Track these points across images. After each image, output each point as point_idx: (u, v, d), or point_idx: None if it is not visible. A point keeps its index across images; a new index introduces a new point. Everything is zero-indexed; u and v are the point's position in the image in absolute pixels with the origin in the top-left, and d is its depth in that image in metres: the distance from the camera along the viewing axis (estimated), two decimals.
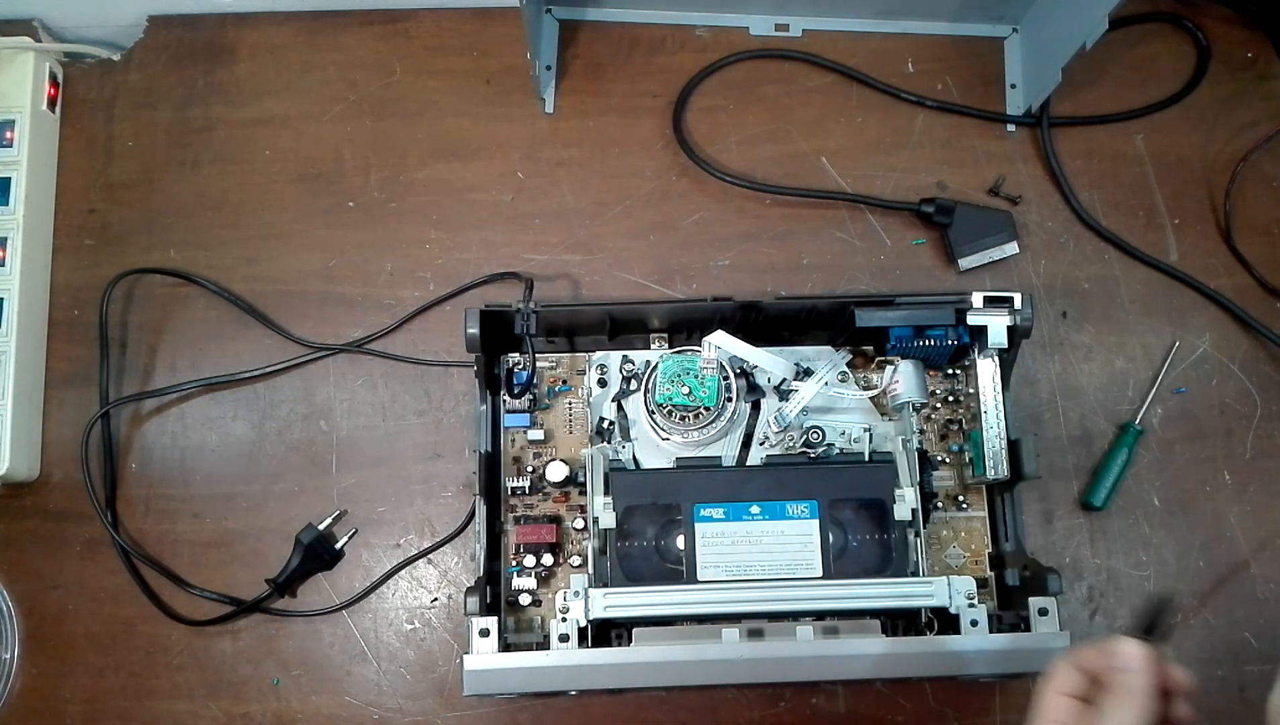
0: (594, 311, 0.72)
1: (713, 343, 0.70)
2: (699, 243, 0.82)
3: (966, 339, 0.72)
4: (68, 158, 0.84)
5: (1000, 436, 0.71)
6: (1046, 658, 0.64)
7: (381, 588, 0.77)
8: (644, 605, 0.65)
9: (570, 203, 0.83)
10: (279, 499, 0.78)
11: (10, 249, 0.78)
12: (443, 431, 0.79)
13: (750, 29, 0.85)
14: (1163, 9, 0.85)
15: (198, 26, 0.86)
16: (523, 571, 0.73)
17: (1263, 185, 0.83)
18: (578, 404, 0.76)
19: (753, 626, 0.66)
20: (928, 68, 0.85)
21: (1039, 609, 0.66)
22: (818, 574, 0.67)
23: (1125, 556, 0.77)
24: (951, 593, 0.65)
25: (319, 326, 0.81)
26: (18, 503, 0.78)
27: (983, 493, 0.75)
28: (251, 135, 0.84)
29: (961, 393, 0.76)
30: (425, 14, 0.86)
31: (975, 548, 0.75)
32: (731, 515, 0.68)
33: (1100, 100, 0.84)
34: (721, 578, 0.67)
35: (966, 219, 0.80)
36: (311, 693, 0.75)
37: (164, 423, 0.80)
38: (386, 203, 0.83)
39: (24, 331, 0.78)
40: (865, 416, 0.74)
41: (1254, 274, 0.81)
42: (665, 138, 0.83)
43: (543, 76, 0.83)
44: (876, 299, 0.72)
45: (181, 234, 0.82)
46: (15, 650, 0.76)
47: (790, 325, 0.75)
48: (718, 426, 0.71)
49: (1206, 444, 0.78)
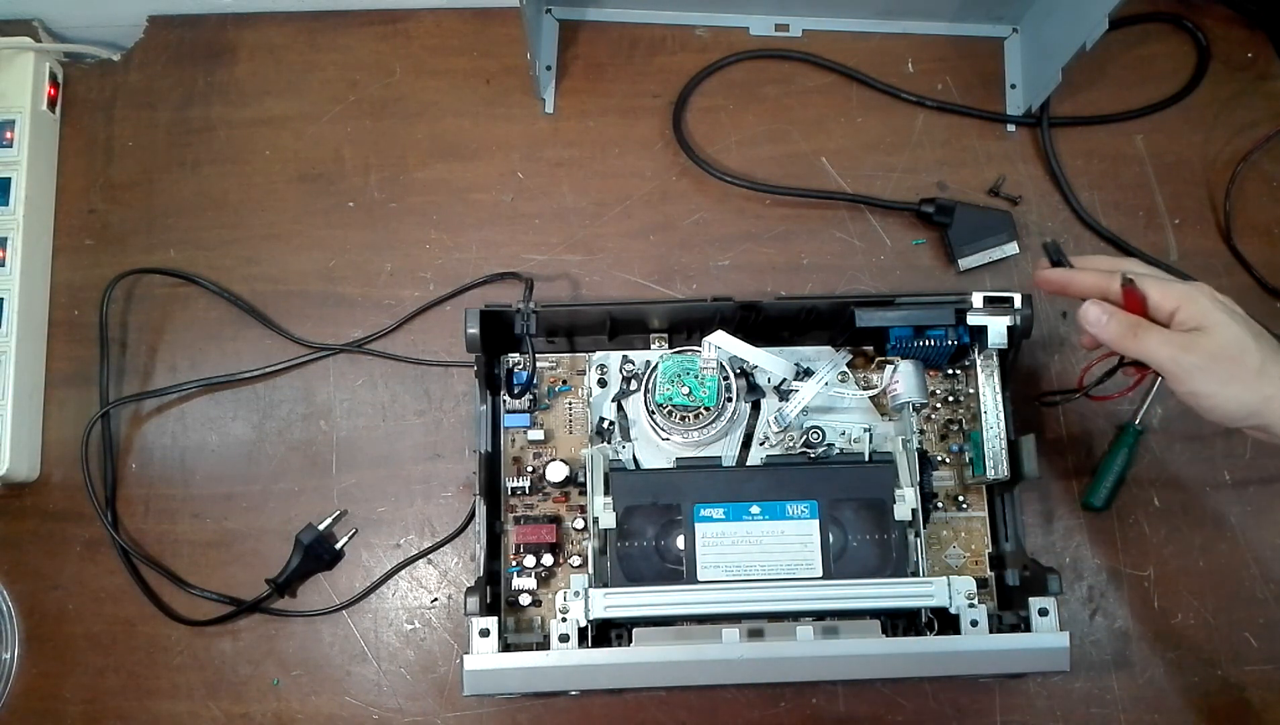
0: (594, 312, 0.72)
1: (713, 343, 0.70)
2: (699, 243, 0.82)
3: (966, 339, 0.72)
4: (68, 158, 0.84)
5: (1000, 436, 0.71)
6: (1046, 658, 0.64)
7: (381, 588, 0.77)
8: (644, 605, 0.65)
9: (570, 203, 0.83)
10: (279, 499, 0.78)
11: (10, 249, 0.78)
12: (443, 431, 0.79)
13: (750, 29, 0.85)
14: (1163, 9, 0.85)
15: (198, 26, 0.86)
16: (523, 571, 0.73)
17: (1263, 185, 0.83)
18: (578, 404, 0.76)
19: (753, 626, 0.66)
20: (928, 68, 0.85)
21: (1039, 609, 0.66)
22: (818, 574, 0.67)
23: (1125, 556, 0.77)
24: (951, 593, 0.65)
25: (319, 326, 0.81)
26: (18, 503, 0.78)
27: (983, 493, 0.75)
28: (251, 135, 0.84)
29: (961, 393, 0.76)
30: (425, 14, 0.86)
31: (975, 548, 0.75)
32: (731, 515, 0.68)
33: (1100, 100, 0.84)
34: (721, 578, 0.67)
35: (966, 219, 0.80)
36: (311, 693, 0.75)
37: (164, 423, 0.80)
38: (386, 203, 0.83)
39: (24, 331, 0.78)
40: (865, 416, 0.74)
41: (1254, 274, 0.81)
42: (665, 138, 0.83)
43: (543, 76, 0.83)
44: (876, 299, 0.72)
45: (181, 234, 0.82)
46: (15, 650, 0.76)
47: (790, 325, 0.75)
48: (718, 426, 0.71)
49: (1206, 444, 0.78)
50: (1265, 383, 0.59)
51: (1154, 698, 0.74)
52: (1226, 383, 0.59)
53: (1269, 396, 0.59)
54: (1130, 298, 0.62)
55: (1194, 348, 0.60)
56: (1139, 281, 0.62)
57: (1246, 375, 0.59)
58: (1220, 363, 0.59)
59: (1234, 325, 0.60)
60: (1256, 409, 0.60)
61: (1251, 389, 0.59)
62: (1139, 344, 0.61)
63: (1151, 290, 0.62)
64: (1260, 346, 0.60)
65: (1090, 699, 0.74)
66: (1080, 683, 0.74)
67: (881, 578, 0.67)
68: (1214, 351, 0.59)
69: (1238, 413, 0.60)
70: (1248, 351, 0.59)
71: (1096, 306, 0.63)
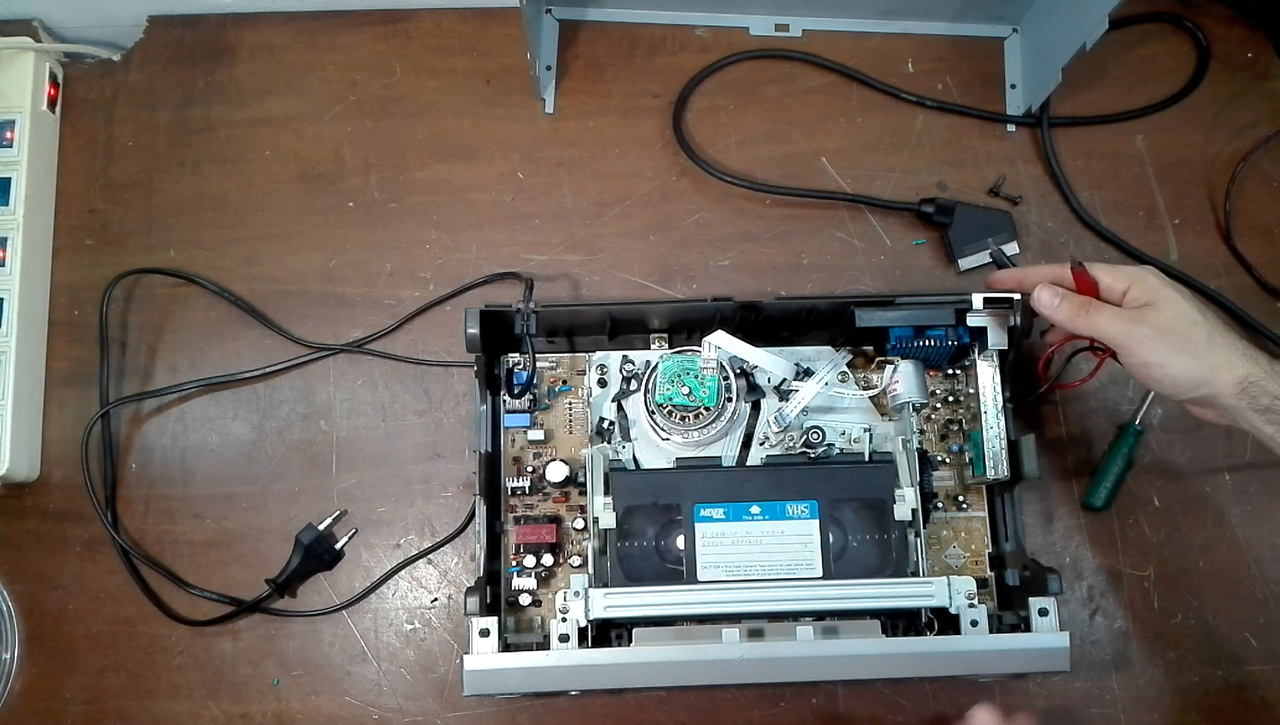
0: (594, 312, 0.72)
1: (713, 343, 0.70)
2: (699, 243, 0.82)
3: (967, 339, 0.72)
4: (68, 158, 0.84)
5: (1000, 437, 0.71)
6: (1046, 658, 0.64)
7: (382, 588, 0.77)
8: (644, 605, 0.65)
9: (570, 203, 0.83)
10: (279, 499, 0.78)
11: (10, 249, 0.78)
12: (443, 431, 0.79)
13: (750, 29, 0.85)
14: (1163, 9, 0.85)
15: (198, 26, 0.86)
16: (523, 572, 0.73)
17: (1263, 185, 0.83)
18: (578, 404, 0.76)
19: (753, 626, 0.66)
20: (928, 68, 0.85)
21: (1039, 609, 0.66)
22: (818, 574, 0.67)
23: (1125, 556, 0.77)
24: (951, 593, 0.65)
25: (319, 326, 0.80)
26: (18, 503, 0.78)
27: (983, 493, 0.75)
28: (251, 135, 0.84)
29: (961, 393, 0.76)
30: (425, 14, 0.86)
31: (975, 548, 0.75)
32: (731, 515, 0.68)
33: (1100, 100, 0.84)
34: (721, 578, 0.67)
35: (966, 219, 0.80)
36: (311, 693, 0.75)
37: (164, 423, 0.80)
38: (386, 203, 0.83)
39: (24, 331, 0.78)
40: (865, 416, 0.74)
41: (1254, 274, 0.81)
42: (665, 138, 0.83)
43: (543, 76, 0.83)
44: (876, 299, 0.72)
45: (181, 234, 0.82)
46: (15, 650, 0.76)
47: (790, 325, 0.75)
48: (718, 427, 0.71)
49: (1206, 444, 0.78)
50: (1213, 353, 0.62)
51: (1154, 698, 0.74)
52: (1176, 353, 0.62)
53: (1216, 366, 0.62)
54: (1081, 281, 0.66)
55: (1144, 320, 0.63)
56: (1089, 268, 0.65)
57: (1195, 347, 0.62)
58: (1169, 334, 0.62)
59: (1182, 300, 0.63)
60: (1205, 378, 0.62)
61: (1199, 359, 0.62)
62: (1090, 321, 0.64)
63: (1102, 274, 0.65)
64: (1207, 320, 0.63)
65: (1090, 699, 0.74)
66: (1080, 683, 0.74)
67: (881, 578, 0.68)
68: (1163, 324, 0.62)
69: (1187, 382, 0.62)
70: (1196, 324, 0.62)
71: (1048, 290, 0.66)
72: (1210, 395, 0.63)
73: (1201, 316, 0.62)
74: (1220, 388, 0.62)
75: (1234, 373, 0.61)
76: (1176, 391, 0.63)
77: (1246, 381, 0.61)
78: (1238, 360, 0.62)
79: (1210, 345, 0.62)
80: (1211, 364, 0.62)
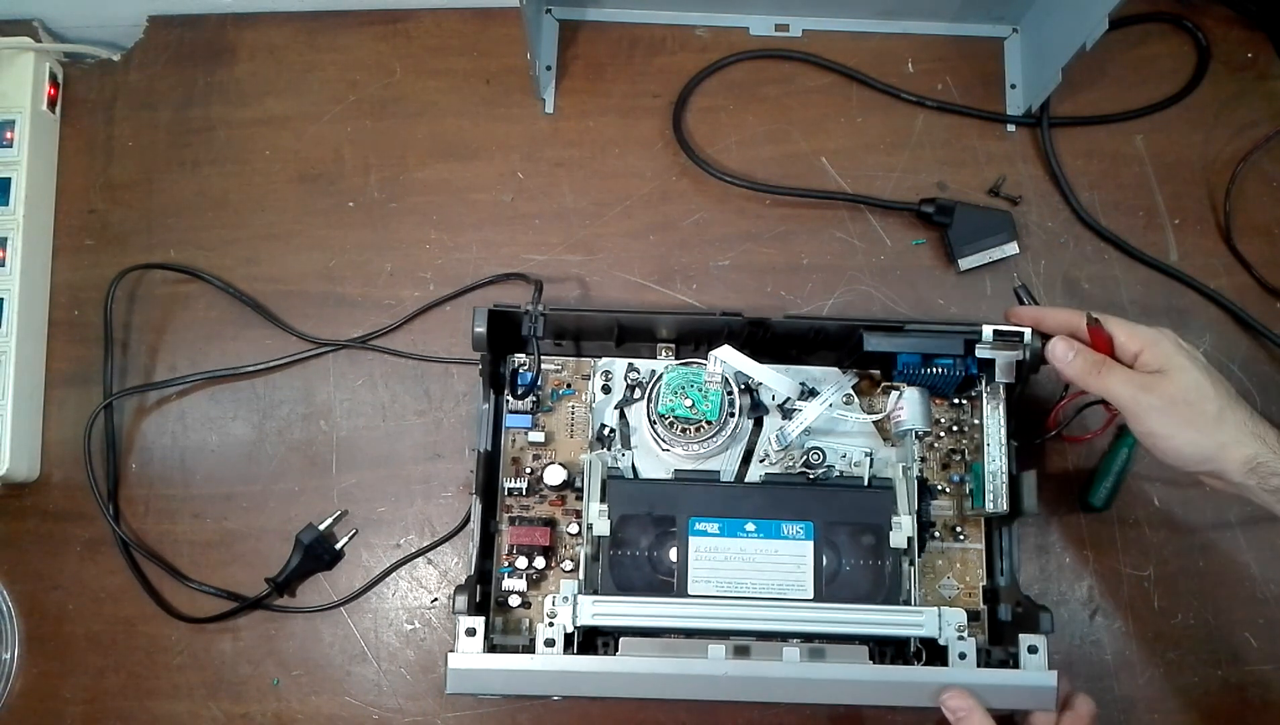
0: (602, 317, 0.71)
1: (719, 357, 0.69)
2: (699, 243, 0.82)
3: (975, 370, 0.70)
4: (68, 158, 0.84)
5: (1001, 472, 0.69)
6: (1032, 696, 0.63)
7: (382, 588, 0.77)
8: (632, 616, 0.65)
9: (570, 203, 0.83)
10: (279, 499, 0.78)
11: (10, 249, 0.78)
12: (443, 432, 0.79)
13: (750, 29, 0.85)
14: (1163, 9, 0.85)
15: (198, 26, 0.85)
16: (514, 573, 0.72)
17: (1263, 185, 0.83)
18: (580, 408, 0.75)
19: (739, 644, 0.65)
20: (928, 68, 0.85)
21: (1029, 646, 0.65)
22: (809, 596, 0.67)
23: (1125, 556, 0.77)
24: (942, 624, 0.64)
25: (319, 327, 0.80)
26: (18, 503, 0.78)
27: (981, 525, 0.74)
28: (251, 135, 0.84)
29: (966, 423, 0.75)
30: (425, 14, 0.86)
31: (970, 580, 0.73)
32: (726, 531, 0.68)
33: (1100, 100, 0.84)
34: (712, 593, 0.67)
35: (966, 219, 0.80)
36: (311, 693, 0.75)
37: (164, 423, 0.80)
38: (386, 203, 0.83)
39: (24, 331, 0.78)
40: (867, 441, 0.73)
41: (1254, 274, 0.81)
42: (665, 138, 0.83)
43: (543, 76, 0.83)
44: (886, 323, 0.70)
45: (181, 234, 0.82)
46: (15, 650, 0.76)
47: (798, 344, 0.74)
48: (719, 441, 0.70)
49: None
50: (1222, 430, 0.60)
51: (1154, 698, 0.74)
52: (1183, 426, 0.61)
53: (1224, 443, 0.60)
54: (1097, 337, 0.64)
55: (1154, 389, 0.61)
56: (1105, 322, 0.64)
57: (1203, 421, 0.60)
58: (1179, 406, 0.61)
59: (1195, 371, 0.61)
60: (1211, 455, 0.61)
61: (1207, 435, 0.60)
62: (1101, 381, 0.63)
63: (1118, 331, 0.64)
64: (1219, 394, 0.61)
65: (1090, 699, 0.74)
66: (1080, 683, 0.74)
67: (873, 604, 0.67)
68: (1174, 394, 0.61)
69: (1193, 457, 0.61)
70: (1206, 398, 0.61)
71: (1064, 342, 0.65)
72: (1217, 471, 0.61)
73: (1213, 389, 0.61)
74: (1227, 466, 0.61)
75: (1242, 452, 0.60)
76: (1181, 464, 0.62)
77: (1255, 461, 0.60)
78: (1246, 438, 0.60)
79: (1219, 421, 0.60)
80: (1219, 441, 0.60)
